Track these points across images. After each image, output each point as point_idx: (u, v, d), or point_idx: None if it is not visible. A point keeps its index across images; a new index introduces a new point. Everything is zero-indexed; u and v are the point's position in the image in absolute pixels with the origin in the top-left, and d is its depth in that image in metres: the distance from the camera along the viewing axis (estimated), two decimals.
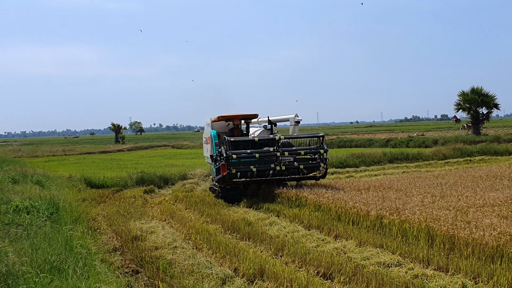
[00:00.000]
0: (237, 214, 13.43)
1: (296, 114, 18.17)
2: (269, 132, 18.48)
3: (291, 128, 18.44)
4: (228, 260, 8.71)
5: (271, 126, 18.53)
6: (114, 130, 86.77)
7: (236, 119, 17.93)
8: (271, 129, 18.52)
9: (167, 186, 21.09)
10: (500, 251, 7.81)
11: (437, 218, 9.59)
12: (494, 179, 15.45)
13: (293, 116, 18.19)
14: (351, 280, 7.43)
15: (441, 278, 7.19)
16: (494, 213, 9.99)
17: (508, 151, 29.98)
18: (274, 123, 18.73)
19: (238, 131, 18.02)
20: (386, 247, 9.06)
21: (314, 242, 9.94)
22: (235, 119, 17.89)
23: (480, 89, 45.70)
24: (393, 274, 7.48)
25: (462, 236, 8.48)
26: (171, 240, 10.48)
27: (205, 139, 19.09)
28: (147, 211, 14.95)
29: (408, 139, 43.60)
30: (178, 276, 7.81)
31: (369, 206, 11.29)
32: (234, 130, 18.01)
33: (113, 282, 7.21)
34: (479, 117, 46.61)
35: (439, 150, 30.24)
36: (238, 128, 18.04)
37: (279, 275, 7.59)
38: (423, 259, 8.17)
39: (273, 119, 18.83)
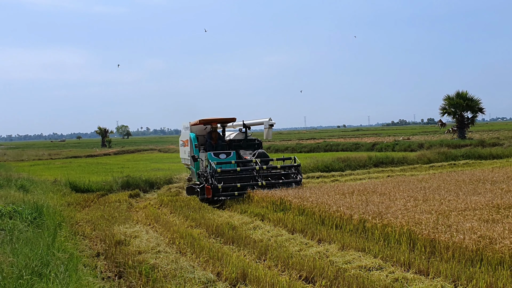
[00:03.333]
0: (221, 218, 13.46)
1: (270, 118, 19.06)
2: (244, 135, 19.64)
3: (265, 131, 19.37)
4: (211, 264, 8.73)
5: (245, 130, 19.57)
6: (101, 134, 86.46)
7: (214, 122, 18.86)
8: (246, 132, 19.60)
9: (153, 190, 21.06)
10: (480, 254, 7.90)
11: (419, 222, 9.69)
12: (477, 183, 15.59)
13: (267, 119, 19.09)
14: (332, 284, 7.49)
15: (421, 282, 7.27)
16: (475, 216, 10.10)
17: (492, 155, 30.25)
18: (248, 127, 19.71)
19: (215, 134, 18.86)
20: (368, 250, 9.13)
21: (297, 246, 9.99)
22: (213, 122, 18.83)
23: (465, 94, 46.07)
24: (374, 278, 7.54)
25: (442, 240, 8.58)
26: (155, 245, 10.47)
27: (182, 142, 20.05)
28: (132, 215, 14.92)
29: (394, 143, 43.89)
30: (160, 280, 7.82)
31: (352, 210, 11.37)
32: (212, 133, 18.79)
33: (95, 286, 7.21)
34: (464, 121, 46.96)
35: (424, 154, 30.44)
36: (215, 131, 18.92)
37: (261, 279, 7.64)
38: (404, 262, 8.24)
39: (248, 123, 19.76)
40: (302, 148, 47.16)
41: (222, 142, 18.86)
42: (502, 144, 37.53)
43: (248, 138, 19.59)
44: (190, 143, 18.35)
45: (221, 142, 18.74)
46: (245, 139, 19.53)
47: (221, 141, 18.81)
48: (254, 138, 19.85)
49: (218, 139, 18.81)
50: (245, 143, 19.32)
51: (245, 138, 19.56)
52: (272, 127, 19.20)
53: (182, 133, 20.03)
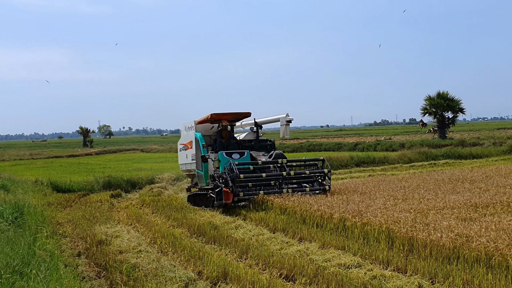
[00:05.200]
0: (203, 218, 13.50)
1: (287, 114, 17.26)
2: (255, 135, 17.80)
3: (282, 128, 17.55)
4: (192, 264, 8.79)
5: (257, 129, 17.80)
6: (83, 134, 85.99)
7: (225, 118, 17.12)
8: (257, 132, 17.82)
9: (135, 190, 21.05)
10: (457, 252, 8.04)
11: (398, 220, 9.83)
12: (456, 182, 15.82)
13: (284, 115, 17.25)
14: (312, 282, 7.58)
15: (399, 279, 7.38)
16: (453, 215, 10.27)
17: (471, 154, 30.64)
18: (260, 125, 18.00)
19: (226, 132, 16.98)
20: (348, 249, 9.25)
21: (278, 245, 10.07)
22: (223, 120, 17.01)
23: (446, 94, 46.62)
24: (352, 275, 7.64)
25: (420, 238, 8.72)
26: (136, 244, 10.49)
27: (182, 146, 17.85)
28: (113, 215, 14.91)
29: (375, 143, 44.23)
30: (141, 280, 7.85)
31: (333, 209, 11.49)
32: (222, 131, 16.89)
33: (76, 286, 7.23)
34: (445, 121, 47.51)
35: (404, 154, 30.78)
36: (226, 129, 16.98)
37: (242, 278, 7.70)
38: (383, 260, 8.36)
39: (260, 121, 18.05)
40: (285, 148, 47.23)
41: (234, 141, 17.05)
42: (482, 144, 38.01)
43: (260, 139, 17.77)
44: (197, 144, 16.37)
45: (232, 141, 16.91)
46: (256, 139, 17.69)
47: (232, 140, 17.00)
48: (266, 138, 18.08)
49: (229, 137, 17.01)
50: (257, 144, 17.50)
51: (257, 138, 17.72)
52: (290, 123, 17.33)
53: (183, 135, 17.80)
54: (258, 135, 17.78)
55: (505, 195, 12.39)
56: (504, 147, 33.37)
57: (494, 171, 19.04)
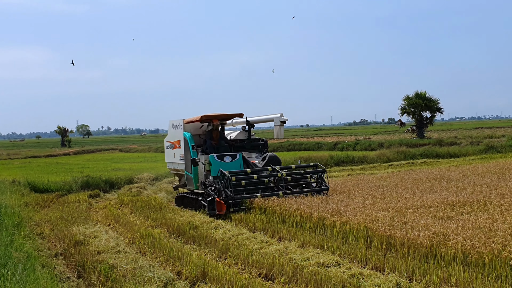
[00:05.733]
0: (182, 218, 13.45)
1: (281, 114, 16.43)
2: (247, 134, 17.18)
3: (275, 129, 16.61)
4: (171, 264, 8.76)
5: (249, 128, 17.15)
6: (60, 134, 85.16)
7: (216, 119, 16.20)
8: (249, 132, 17.17)
9: (113, 191, 20.86)
10: (434, 250, 8.14)
11: (376, 219, 9.91)
12: (433, 181, 15.98)
13: (278, 115, 16.37)
14: (291, 281, 7.60)
15: (377, 277, 7.43)
16: (430, 214, 10.38)
17: (449, 154, 30.96)
18: (252, 125, 17.26)
19: (217, 133, 16.27)
20: (327, 247, 9.29)
21: (258, 244, 10.08)
22: (214, 119, 16.18)
23: (424, 94, 47.03)
24: (331, 274, 7.68)
25: (398, 236, 8.80)
26: (114, 245, 10.43)
27: (170, 144, 17.15)
28: (92, 215, 14.80)
29: (355, 142, 44.47)
30: (119, 280, 7.81)
31: (312, 208, 11.53)
32: (212, 132, 16.21)
33: (53, 286, 7.16)
34: (423, 121, 47.94)
35: (383, 153, 30.98)
36: (217, 129, 16.29)
37: (221, 277, 7.70)
38: (361, 259, 8.42)
39: (252, 120, 17.23)
40: None
41: (225, 142, 16.35)
42: (459, 143, 38.44)
43: (252, 138, 17.11)
44: (185, 144, 15.64)
45: (223, 143, 16.20)
46: (248, 139, 17.04)
47: (223, 142, 16.28)
48: (258, 138, 17.41)
49: (220, 139, 16.27)
50: (248, 144, 16.85)
51: (249, 138, 17.06)
52: (284, 124, 16.51)
53: (171, 133, 17.06)
54: (250, 135, 17.16)
55: (482, 194, 12.54)
56: (481, 146, 33.77)
57: (471, 170, 19.26)
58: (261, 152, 16.65)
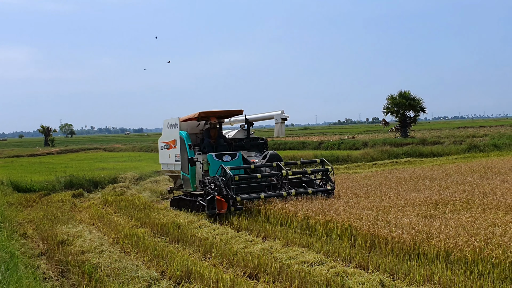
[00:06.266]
0: (167, 218, 13.42)
1: (282, 111, 15.86)
2: (246, 133, 16.54)
3: (276, 127, 16.03)
4: (155, 263, 8.73)
5: (248, 126, 16.49)
6: (44, 133, 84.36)
7: (213, 117, 15.41)
8: (248, 130, 16.52)
9: (97, 190, 20.75)
10: (417, 248, 8.20)
11: (360, 218, 9.97)
12: (417, 180, 16.09)
13: (279, 112, 15.76)
14: (275, 279, 7.62)
15: (361, 276, 7.47)
16: (413, 212, 10.46)
17: (432, 153, 31.19)
18: (251, 123, 16.60)
19: (215, 131, 15.53)
20: (311, 246, 9.32)
21: (243, 243, 10.08)
22: (211, 117, 15.39)
23: (408, 93, 47.33)
24: (315, 273, 7.70)
25: (382, 235, 8.86)
26: (98, 244, 10.37)
27: (164, 144, 16.41)
28: (75, 215, 14.71)
29: (339, 141, 44.65)
30: (103, 280, 7.76)
31: (297, 207, 11.56)
32: (210, 130, 15.47)
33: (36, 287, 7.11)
34: (406, 120, 48.24)
35: (367, 152, 31.16)
36: (215, 127, 15.52)
37: (205, 276, 7.69)
38: (346, 257, 8.46)
39: (251, 118, 16.59)
40: None
41: (224, 140, 15.71)
42: (442, 142, 38.73)
43: (251, 137, 16.48)
44: (182, 144, 14.89)
45: (222, 142, 15.55)
46: (247, 137, 16.39)
47: (222, 140, 15.64)
48: (257, 137, 16.75)
49: (218, 137, 15.63)
50: (248, 143, 16.21)
51: (248, 137, 16.41)
52: (285, 121, 15.92)
53: (165, 132, 16.32)
54: (249, 133, 16.53)
55: (464, 193, 12.65)
56: (464, 145, 34.06)
57: (454, 169, 19.43)
58: (261, 152, 16.07)
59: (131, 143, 73.70)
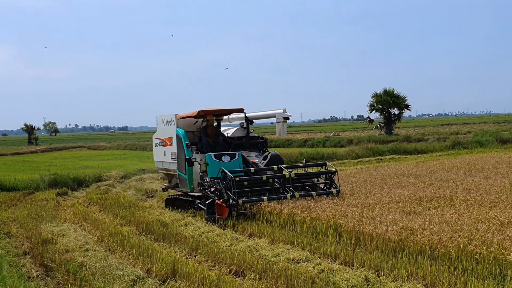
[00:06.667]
0: (152, 216, 13.38)
1: (284, 109, 15.39)
2: (245, 131, 15.74)
3: (278, 126, 15.75)
4: (141, 261, 8.71)
5: (247, 125, 15.69)
6: (27, 131, 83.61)
7: (210, 114, 14.70)
8: (248, 128, 15.73)
9: (81, 189, 20.63)
10: (402, 245, 8.26)
11: (345, 215, 10.02)
12: (401, 177, 16.18)
13: (281, 111, 15.32)
14: (261, 277, 7.63)
15: (346, 272, 7.52)
16: (398, 209, 10.53)
17: (416, 150, 31.38)
18: (251, 121, 15.83)
19: (212, 129, 14.85)
20: (297, 243, 9.36)
21: (228, 241, 10.10)
22: (208, 114, 14.67)
23: (392, 91, 47.63)
24: (301, 270, 7.74)
25: (367, 231, 8.92)
26: (83, 243, 10.34)
27: (159, 141, 15.70)
28: (60, 214, 14.62)
29: (324, 139, 44.76)
30: (88, 279, 7.73)
31: (282, 205, 11.58)
32: (207, 128, 14.73)
33: (20, 286, 7.06)
34: (391, 118, 48.54)
35: (352, 149, 31.28)
36: (212, 125, 14.90)
37: (191, 274, 7.69)
38: (331, 254, 8.50)
39: (252, 116, 16.01)
40: None
41: (222, 139, 14.95)
42: (426, 139, 39.00)
43: (251, 136, 15.73)
44: (179, 142, 14.20)
45: (221, 140, 14.80)
46: (246, 136, 15.60)
47: (221, 139, 14.87)
48: (257, 135, 16.02)
49: (216, 135, 14.87)
50: (247, 142, 15.43)
51: (247, 136, 15.62)
52: (288, 120, 15.54)
53: (160, 129, 15.58)
54: (249, 132, 15.74)
55: (448, 189, 12.76)
56: (448, 142, 34.30)
57: (438, 165, 19.56)
58: (261, 151, 15.45)
59: (115, 141, 73.30)
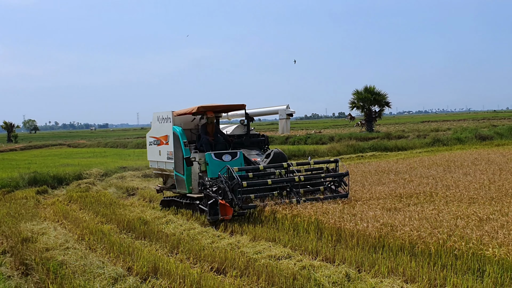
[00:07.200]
0: (133, 214, 13.32)
1: (287, 105, 14.77)
2: (245, 129, 15.14)
3: (281, 123, 15.09)
4: (121, 260, 8.66)
5: (248, 122, 15.13)
6: (6, 129, 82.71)
7: (210, 111, 13.90)
8: (248, 126, 15.15)
9: (62, 187, 20.44)
10: (382, 241, 8.33)
11: (326, 212, 10.09)
12: (382, 174, 16.31)
13: (284, 107, 14.71)
14: (243, 274, 7.64)
15: (327, 268, 7.55)
16: (378, 205, 10.62)
17: (397, 147, 31.60)
18: (251, 118, 15.30)
19: (212, 127, 13.98)
20: (278, 240, 9.38)
21: (210, 238, 10.09)
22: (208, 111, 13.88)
23: (373, 88, 47.88)
24: (282, 266, 7.76)
25: (348, 228, 8.98)
26: (63, 241, 10.25)
27: (154, 139, 14.87)
28: (39, 212, 14.48)
29: (306, 136, 44.88)
30: (69, 277, 7.67)
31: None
32: (207, 126, 13.89)
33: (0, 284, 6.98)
34: (372, 115, 48.80)
35: (334, 146, 31.41)
36: (212, 123, 13.99)
37: (172, 272, 7.67)
38: (312, 251, 8.54)
39: (252, 113, 15.38)
40: None
41: (222, 137, 14.18)
42: (407, 136, 39.30)
43: (251, 133, 15.11)
44: (176, 140, 13.34)
45: (221, 139, 14.04)
46: (247, 134, 15.01)
47: (221, 137, 14.12)
48: (257, 133, 15.35)
49: (216, 133, 14.13)
50: (247, 140, 14.77)
51: (247, 133, 15.03)
52: (291, 117, 14.91)
53: (155, 127, 14.80)
54: (249, 130, 15.12)
55: (428, 186, 12.89)
56: (428, 139, 34.59)
57: (418, 162, 19.75)
58: (261, 149, 14.82)
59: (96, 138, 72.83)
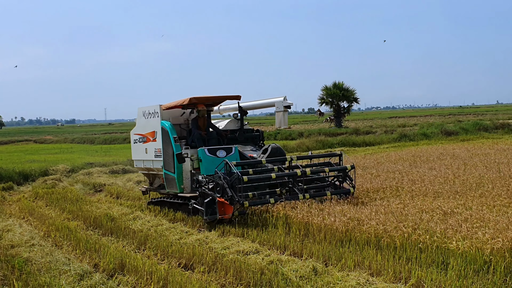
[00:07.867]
0: (100, 210, 13.19)
1: (285, 97, 13.96)
2: (239, 123, 14.29)
3: (278, 116, 14.26)
4: (88, 256, 8.59)
5: (241, 116, 14.31)
6: None
7: (201, 104, 13.01)
8: (242, 120, 14.33)
9: (27, 183, 20.10)
10: (349, 235, 8.43)
11: (295, 207, 10.15)
12: None
13: (281, 99, 13.91)
14: (211, 270, 7.64)
15: (295, 263, 7.60)
16: (345, 200, 10.72)
17: (365, 142, 31.93)
18: (245, 111, 14.46)
19: (204, 121, 13.17)
20: (246, 236, 9.41)
21: (178, 234, 10.07)
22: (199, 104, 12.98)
23: (342, 84, 48.32)
24: (250, 261, 7.78)
25: (315, 223, 9.06)
26: (29, 238, 10.13)
27: (139, 137, 13.85)
28: (5, 209, 14.26)
29: (276, 131, 45.00)
30: (34, 274, 7.58)
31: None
32: (198, 119, 13.09)
33: None
34: (340, 111, 49.23)
35: (303, 142, 31.60)
36: (204, 116, 13.15)
37: (139, 268, 7.62)
38: (280, 245, 8.58)
39: (246, 106, 14.50)
40: None
41: (215, 132, 13.35)
42: (374, 132, 39.78)
43: (246, 128, 14.29)
44: (165, 136, 12.39)
45: (214, 133, 13.19)
46: (241, 129, 14.14)
47: (214, 132, 13.30)
48: (252, 128, 14.61)
49: (208, 128, 13.28)
50: (241, 136, 13.94)
51: (241, 128, 14.17)
52: (289, 109, 14.24)
53: (141, 123, 13.77)
54: (243, 124, 14.30)
55: (394, 180, 13.05)
56: (395, 135, 35.02)
57: (385, 157, 19.98)
58: (256, 145, 14.10)
59: (63, 134, 71.76)
